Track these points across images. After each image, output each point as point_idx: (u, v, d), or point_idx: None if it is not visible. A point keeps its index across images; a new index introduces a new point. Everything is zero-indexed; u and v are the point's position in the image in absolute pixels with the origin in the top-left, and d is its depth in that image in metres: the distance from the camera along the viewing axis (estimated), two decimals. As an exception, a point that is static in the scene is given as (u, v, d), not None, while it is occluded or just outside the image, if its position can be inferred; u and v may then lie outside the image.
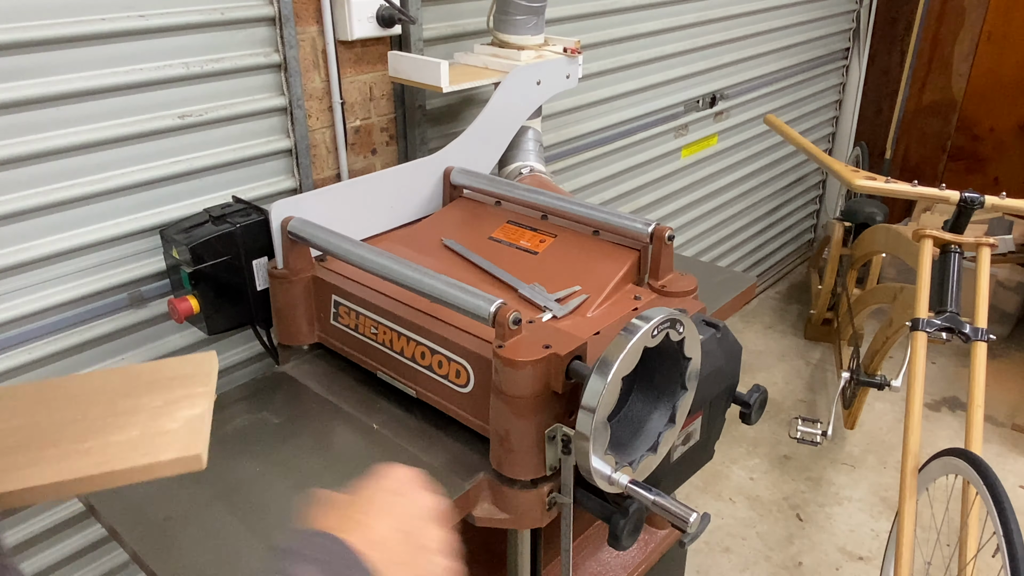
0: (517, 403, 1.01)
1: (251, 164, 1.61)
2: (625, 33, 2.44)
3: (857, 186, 2.43)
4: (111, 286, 1.46)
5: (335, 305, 1.35)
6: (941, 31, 3.79)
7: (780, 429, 2.93)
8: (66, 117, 1.33)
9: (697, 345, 1.06)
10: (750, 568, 2.32)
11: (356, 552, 0.57)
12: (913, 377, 1.96)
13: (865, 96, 3.98)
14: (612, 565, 1.58)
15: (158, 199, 1.50)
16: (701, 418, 1.24)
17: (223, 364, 1.69)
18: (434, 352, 1.19)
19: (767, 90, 3.30)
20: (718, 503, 2.57)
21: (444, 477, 1.10)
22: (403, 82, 1.67)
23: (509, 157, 1.76)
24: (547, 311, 1.25)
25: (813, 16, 3.39)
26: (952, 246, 2.20)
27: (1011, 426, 2.93)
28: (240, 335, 1.69)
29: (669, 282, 1.35)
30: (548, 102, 1.79)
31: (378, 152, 1.85)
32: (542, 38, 1.76)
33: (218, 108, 1.52)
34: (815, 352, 3.44)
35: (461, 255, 1.42)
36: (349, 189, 1.45)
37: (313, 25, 1.61)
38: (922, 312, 2.08)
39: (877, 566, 2.33)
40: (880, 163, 4.01)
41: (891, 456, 2.79)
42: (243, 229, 1.40)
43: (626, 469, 1.03)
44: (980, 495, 1.62)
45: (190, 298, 1.39)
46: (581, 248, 1.39)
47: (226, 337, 1.67)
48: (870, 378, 2.57)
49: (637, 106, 2.62)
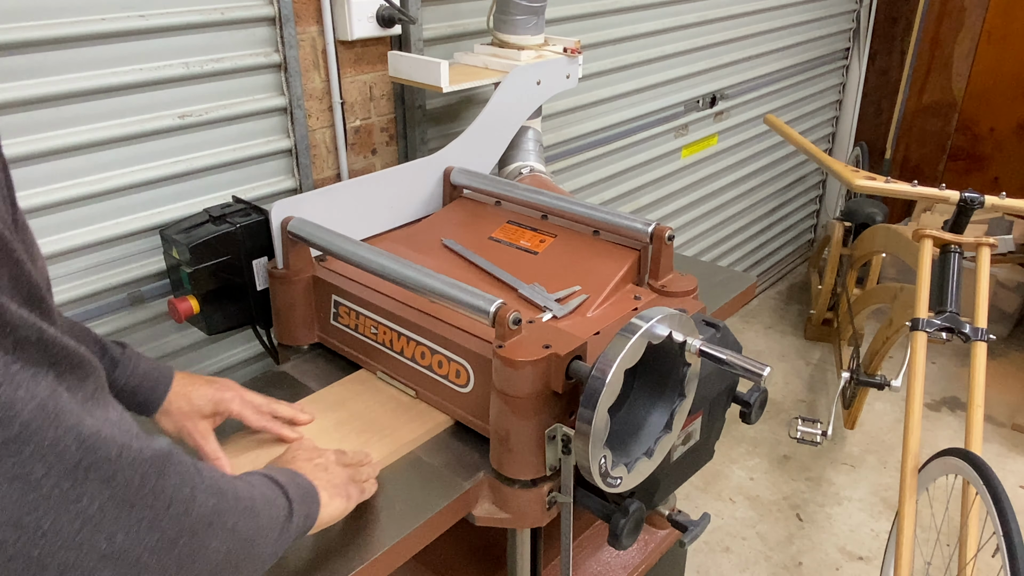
0: (517, 403, 1.01)
1: (251, 164, 1.61)
2: (625, 33, 2.44)
3: (857, 186, 2.43)
4: (111, 286, 1.46)
5: (335, 305, 1.35)
6: (941, 31, 3.79)
7: (780, 429, 2.93)
8: (66, 117, 1.33)
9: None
10: (750, 568, 2.32)
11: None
12: (913, 377, 1.96)
13: (865, 96, 3.98)
14: (612, 565, 1.58)
15: (158, 199, 1.50)
16: (701, 418, 1.24)
17: (223, 364, 1.69)
18: (434, 352, 1.19)
19: (767, 90, 3.30)
20: (718, 503, 2.57)
21: (444, 477, 1.10)
22: (403, 82, 1.67)
23: (509, 157, 1.76)
24: (547, 311, 1.25)
25: (813, 16, 3.39)
26: (952, 246, 2.20)
27: (1011, 426, 2.93)
28: (240, 335, 1.69)
29: (669, 282, 1.35)
30: (548, 102, 1.79)
31: (378, 152, 1.85)
32: (542, 38, 1.76)
33: (218, 108, 1.52)
34: (815, 352, 3.44)
35: (461, 255, 1.42)
36: (349, 189, 1.45)
37: (313, 25, 1.61)
38: (922, 312, 2.08)
39: (877, 566, 2.33)
40: (880, 163, 4.01)
41: (891, 456, 2.79)
42: (243, 229, 1.40)
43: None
44: (980, 495, 1.62)
45: (190, 298, 1.39)
46: (581, 248, 1.39)
47: (226, 337, 1.67)
48: (870, 378, 2.57)
49: (637, 106, 2.62)
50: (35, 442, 0.51)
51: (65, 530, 0.53)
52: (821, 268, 3.53)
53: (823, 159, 2.72)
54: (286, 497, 0.82)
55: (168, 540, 0.60)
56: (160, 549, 0.59)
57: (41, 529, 0.52)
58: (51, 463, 0.52)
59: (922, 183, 2.37)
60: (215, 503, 0.66)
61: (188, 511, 0.62)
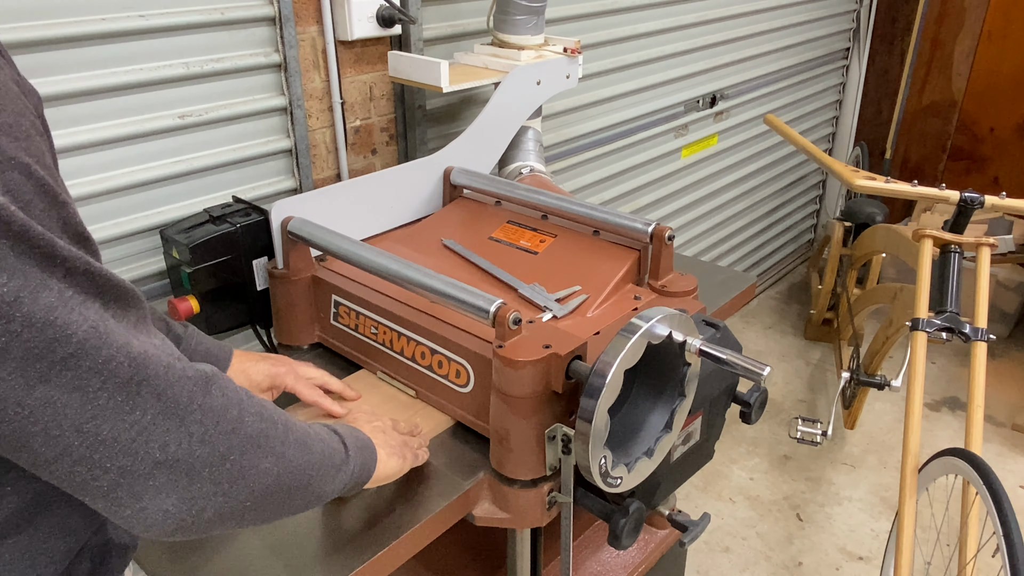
0: (517, 403, 1.01)
1: (251, 164, 1.61)
2: (625, 33, 2.44)
3: (857, 186, 2.43)
4: (111, 286, 1.46)
5: (335, 305, 1.35)
6: (941, 31, 3.79)
7: (780, 429, 2.93)
8: (66, 117, 1.33)
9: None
10: (750, 568, 2.33)
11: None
12: (913, 377, 1.96)
13: (865, 96, 3.98)
14: (612, 565, 1.58)
15: (158, 199, 1.50)
16: (701, 418, 1.24)
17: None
18: (434, 352, 1.19)
19: (767, 90, 3.30)
20: (718, 503, 2.57)
21: (444, 477, 1.10)
22: (403, 82, 1.67)
23: (509, 157, 1.76)
24: (547, 311, 1.25)
25: (813, 16, 3.39)
26: (952, 246, 2.20)
27: (1011, 426, 2.93)
28: (240, 335, 1.69)
29: (669, 282, 1.35)
30: (548, 102, 1.79)
31: (378, 152, 1.85)
32: (542, 38, 1.76)
33: (218, 108, 1.52)
34: (815, 352, 3.44)
35: (461, 255, 1.42)
36: (349, 189, 1.45)
37: (313, 25, 1.61)
38: (922, 312, 2.08)
39: (877, 566, 2.33)
40: (880, 163, 4.01)
41: (891, 456, 2.79)
42: (243, 229, 1.40)
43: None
44: (980, 495, 1.62)
45: (190, 298, 1.39)
46: (581, 248, 1.39)
47: (226, 337, 1.67)
48: (870, 378, 2.57)
49: (637, 106, 2.62)
50: (91, 358, 0.57)
51: (122, 437, 0.59)
52: (821, 268, 3.53)
53: (823, 159, 2.72)
54: (343, 444, 0.87)
55: (219, 455, 0.66)
56: (212, 463, 0.65)
57: (100, 436, 0.58)
58: (106, 377, 0.58)
59: (922, 183, 2.37)
60: (263, 427, 0.71)
61: (236, 430, 0.67)
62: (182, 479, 0.63)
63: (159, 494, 0.62)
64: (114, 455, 0.59)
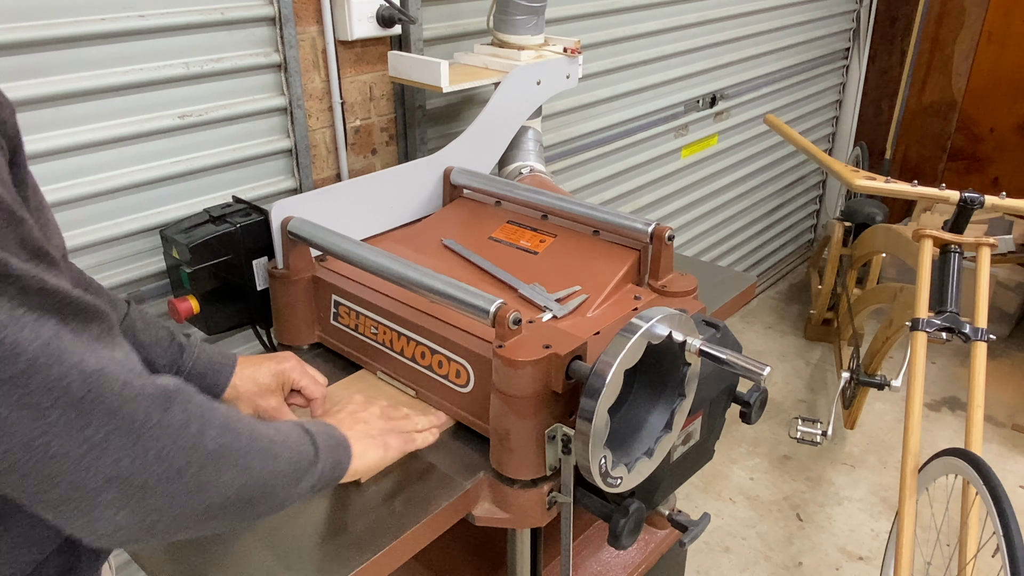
0: (517, 403, 1.01)
1: (251, 164, 1.61)
2: (625, 33, 2.44)
3: (857, 186, 2.43)
4: (111, 286, 1.46)
5: (335, 305, 1.35)
6: (941, 31, 3.79)
7: (780, 429, 2.93)
8: (66, 117, 1.33)
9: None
10: (750, 568, 2.33)
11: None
12: (913, 377, 1.96)
13: (865, 96, 3.98)
14: (612, 565, 1.58)
15: (158, 199, 1.50)
16: (701, 418, 1.24)
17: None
18: (434, 352, 1.19)
19: (767, 90, 3.30)
20: (718, 503, 2.57)
21: (444, 477, 1.10)
22: (403, 82, 1.67)
23: (509, 157, 1.76)
24: (547, 311, 1.25)
25: (813, 16, 3.39)
26: (952, 246, 2.20)
27: (1011, 426, 2.93)
28: (240, 335, 1.69)
29: (669, 282, 1.35)
30: (548, 102, 1.79)
31: (378, 152, 1.85)
32: (542, 38, 1.76)
33: (218, 108, 1.52)
34: (815, 352, 3.44)
35: (461, 255, 1.42)
36: (349, 189, 1.45)
37: (313, 25, 1.61)
38: (922, 312, 2.08)
39: (877, 566, 2.33)
40: (880, 163, 4.01)
41: (891, 456, 2.79)
42: (243, 229, 1.40)
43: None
44: (980, 495, 1.62)
45: (190, 298, 1.39)
46: (581, 248, 1.39)
47: (226, 337, 1.67)
48: (870, 378, 2.57)
49: (637, 106, 2.62)
50: (41, 376, 0.57)
51: (73, 453, 0.59)
52: (821, 268, 3.53)
53: (823, 159, 2.72)
54: (314, 444, 0.86)
55: (175, 470, 0.65)
56: (167, 478, 0.64)
57: (50, 451, 0.58)
58: (57, 395, 0.58)
59: (922, 183, 2.37)
60: (226, 440, 0.70)
61: (195, 445, 0.67)
62: (135, 494, 0.63)
63: (109, 508, 0.62)
64: (64, 470, 0.59)
